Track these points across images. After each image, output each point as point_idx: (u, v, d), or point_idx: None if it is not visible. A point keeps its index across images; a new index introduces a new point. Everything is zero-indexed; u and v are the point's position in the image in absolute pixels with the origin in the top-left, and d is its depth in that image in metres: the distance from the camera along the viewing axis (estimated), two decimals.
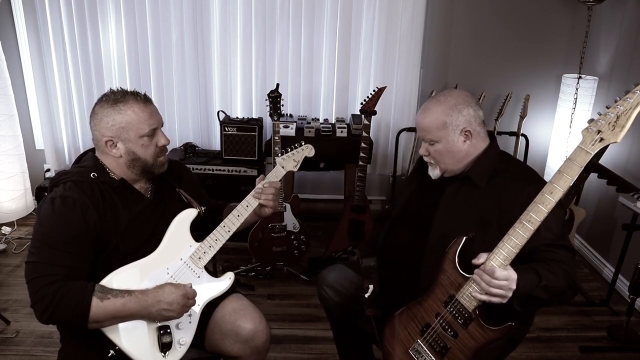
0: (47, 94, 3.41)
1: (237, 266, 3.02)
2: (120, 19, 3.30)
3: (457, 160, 1.60)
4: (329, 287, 1.88)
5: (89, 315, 1.39)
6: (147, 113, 1.53)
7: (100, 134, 1.52)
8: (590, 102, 3.19)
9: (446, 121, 1.56)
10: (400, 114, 3.50)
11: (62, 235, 1.43)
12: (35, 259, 1.42)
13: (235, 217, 1.65)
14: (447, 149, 1.59)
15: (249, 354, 1.64)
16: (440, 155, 1.60)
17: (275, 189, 1.69)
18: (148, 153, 1.55)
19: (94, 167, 1.54)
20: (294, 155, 1.78)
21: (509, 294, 1.33)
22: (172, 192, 1.70)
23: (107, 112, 1.50)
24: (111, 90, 1.54)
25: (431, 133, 1.59)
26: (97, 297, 1.40)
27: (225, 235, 1.63)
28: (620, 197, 2.63)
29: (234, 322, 1.63)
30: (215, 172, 3.19)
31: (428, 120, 1.59)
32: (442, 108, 1.58)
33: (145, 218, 1.59)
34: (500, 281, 1.32)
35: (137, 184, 1.61)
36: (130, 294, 1.44)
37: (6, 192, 3.26)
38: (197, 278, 1.59)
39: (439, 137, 1.58)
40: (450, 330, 1.43)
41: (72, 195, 1.46)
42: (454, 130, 1.57)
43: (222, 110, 3.34)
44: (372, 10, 3.32)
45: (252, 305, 1.71)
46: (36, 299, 1.39)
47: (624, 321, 2.58)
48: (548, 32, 3.44)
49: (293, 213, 2.90)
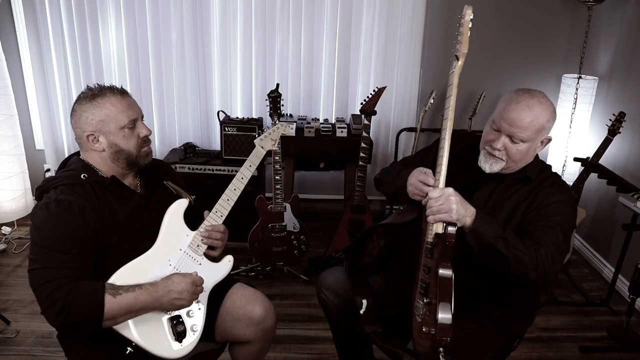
0: (47, 94, 3.41)
1: (237, 266, 3.02)
2: (120, 19, 3.30)
3: (525, 161, 1.62)
4: (328, 290, 1.87)
5: (104, 312, 1.40)
6: (125, 105, 1.54)
7: (81, 130, 1.53)
8: (590, 102, 3.19)
9: (545, 127, 1.56)
10: (400, 114, 3.50)
11: (62, 237, 1.42)
12: (38, 265, 1.41)
13: (225, 201, 1.67)
14: (528, 151, 1.58)
15: (260, 337, 1.73)
16: (519, 154, 1.58)
17: (221, 234, 1.68)
18: (130, 144, 1.56)
19: (82, 168, 1.54)
20: (270, 135, 1.86)
21: (450, 206, 1.43)
22: (161, 186, 1.72)
23: (86, 108, 1.51)
24: (88, 87, 1.55)
25: (527, 132, 1.54)
26: (110, 294, 1.41)
27: (218, 220, 1.66)
28: (620, 197, 2.63)
29: (246, 306, 1.71)
30: (215, 172, 3.19)
31: (530, 119, 1.53)
32: (547, 113, 1.55)
33: (140, 213, 1.60)
34: (436, 197, 1.44)
35: (126, 180, 1.62)
36: (141, 287, 1.47)
37: (6, 192, 3.25)
38: (199, 265, 1.63)
39: (531, 138, 1.56)
40: (426, 269, 1.49)
41: (67, 198, 1.45)
42: (542, 136, 1.58)
43: (222, 110, 3.34)
44: (372, 11, 3.32)
45: (258, 291, 1.80)
46: (47, 304, 1.38)
47: (624, 321, 2.58)
48: (548, 32, 3.44)
49: (293, 213, 2.90)
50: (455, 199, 1.43)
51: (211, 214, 1.66)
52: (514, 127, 1.54)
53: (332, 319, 1.95)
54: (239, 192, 1.70)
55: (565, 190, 1.61)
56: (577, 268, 3.24)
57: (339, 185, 3.54)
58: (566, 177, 3.28)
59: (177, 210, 1.64)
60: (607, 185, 2.73)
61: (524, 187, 1.62)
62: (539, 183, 1.61)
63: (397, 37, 3.35)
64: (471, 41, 1.51)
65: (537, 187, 1.60)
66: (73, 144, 3.56)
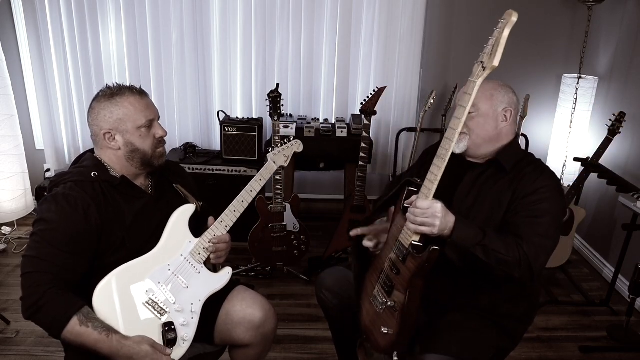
0: (47, 94, 3.41)
1: (237, 266, 3.02)
2: (120, 19, 3.30)
3: (489, 137, 1.63)
4: (328, 290, 1.87)
5: (63, 332, 1.40)
6: (144, 105, 1.56)
7: (99, 128, 1.54)
8: (590, 102, 3.19)
9: (493, 94, 1.62)
10: (400, 114, 3.50)
11: (63, 234, 1.43)
12: (33, 253, 1.43)
13: (232, 212, 1.66)
14: (486, 121, 1.61)
15: (260, 341, 1.71)
16: (477, 125, 1.61)
17: (226, 244, 1.68)
18: (146, 144, 1.58)
19: (93, 166, 1.56)
20: (284, 151, 1.83)
21: (434, 223, 1.41)
22: (172, 189, 1.72)
23: (104, 106, 1.53)
24: (107, 86, 1.57)
25: (476, 99, 1.56)
26: (79, 319, 1.40)
27: (223, 231, 1.65)
28: (620, 197, 2.63)
29: (245, 310, 1.69)
30: (215, 172, 3.19)
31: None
32: (491, 84, 1.63)
33: (148, 214, 1.60)
34: (423, 210, 1.41)
35: (137, 180, 1.63)
36: (108, 336, 1.42)
37: (6, 192, 3.25)
38: (198, 274, 1.61)
39: (483, 107, 1.61)
40: (394, 269, 1.50)
41: (74, 194, 1.47)
42: (497, 105, 1.62)
43: (222, 110, 3.34)
44: (372, 10, 3.32)
45: (259, 294, 1.77)
46: (26, 294, 1.41)
47: (624, 321, 2.57)
48: (548, 32, 3.44)
49: (293, 213, 2.90)
50: (440, 215, 1.41)
51: (216, 224, 1.65)
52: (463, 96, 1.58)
53: (332, 318, 1.95)
54: (246, 205, 1.68)
55: (548, 175, 1.60)
56: (577, 268, 3.24)
57: (339, 185, 3.54)
58: (566, 177, 3.28)
59: (183, 215, 1.63)
60: (607, 185, 2.72)
61: (505, 176, 1.62)
62: (519, 171, 1.61)
63: (397, 37, 3.35)
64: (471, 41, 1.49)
65: (518, 176, 1.60)
66: (73, 144, 3.56)
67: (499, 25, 1.34)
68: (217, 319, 1.70)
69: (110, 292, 1.49)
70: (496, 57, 1.31)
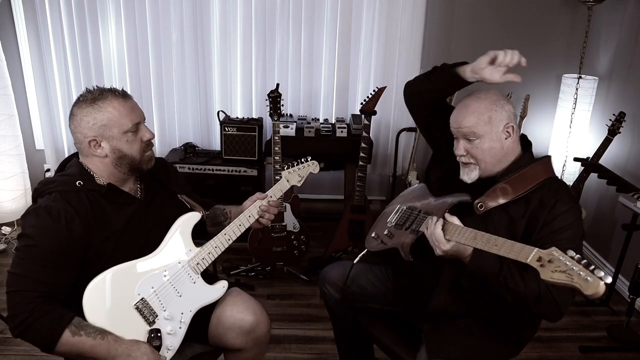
0: (47, 94, 3.41)
1: (237, 266, 3.01)
2: (120, 19, 3.30)
3: (497, 159, 1.55)
4: (331, 285, 1.88)
5: (56, 346, 1.37)
6: (128, 108, 1.48)
7: (82, 135, 1.47)
8: (590, 102, 3.19)
9: (491, 116, 1.53)
10: (400, 114, 3.50)
11: (45, 249, 1.38)
12: (17, 270, 1.39)
13: (237, 226, 1.65)
14: (491, 145, 1.53)
15: (252, 346, 1.68)
16: (482, 153, 1.54)
17: (278, 210, 1.68)
18: (134, 149, 1.51)
19: (79, 174, 1.49)
20: (299, 170, 1.81)
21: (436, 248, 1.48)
22: (163, 190, 1.67)
23: (87, 112, 1.45)
24: (87, 90, 1.49)
25: (475, 128, 1.52)
26: (70, 331, 1.37)
27: (225, 244, 1.63)
28: (620, 197, 2.63)
29: (236, 315, 1.65)
30: (215, 172, 3.19)
31: (469, 114, 1.53)
32: (485, 104, 1.54)
33: (140, 219, 1.55)
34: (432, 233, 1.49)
35: (125, 186, 1.57)
36: (103, 338, 1.39)
37: (6, 192, 3.25)
38: (193, 284, 1.58)
39: (484, 132, 1.52)
40: None
41: (57, 206, 1.41)
42: (497, 125, 1.53)
43: (222, 110, 3.34)
44: (372, 10, 3.32)
45: (252, 298, 1.73)
46: (12, 312, 1.37)
47: (624, 321, 2.58)
48: (548, 32, 3.44)
49: (293, 213, 2.90)
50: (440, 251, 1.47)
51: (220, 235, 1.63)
52: (460, 127, 1.55)
53: (334, 313, 1.95)
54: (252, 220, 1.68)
55: (566, 197, 1.51)
56: None
57: (339, 185, 3.54)
58: (566, 177, 3.28)
59: (188, 222, 1.60)
60: (607, 185, 2.72)
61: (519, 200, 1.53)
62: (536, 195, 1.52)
63: (397, 37, 3.34)
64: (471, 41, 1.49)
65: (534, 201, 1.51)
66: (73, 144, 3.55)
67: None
68: (209, 323, 1.66)
69: (103, 290, 1.46)
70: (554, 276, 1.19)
